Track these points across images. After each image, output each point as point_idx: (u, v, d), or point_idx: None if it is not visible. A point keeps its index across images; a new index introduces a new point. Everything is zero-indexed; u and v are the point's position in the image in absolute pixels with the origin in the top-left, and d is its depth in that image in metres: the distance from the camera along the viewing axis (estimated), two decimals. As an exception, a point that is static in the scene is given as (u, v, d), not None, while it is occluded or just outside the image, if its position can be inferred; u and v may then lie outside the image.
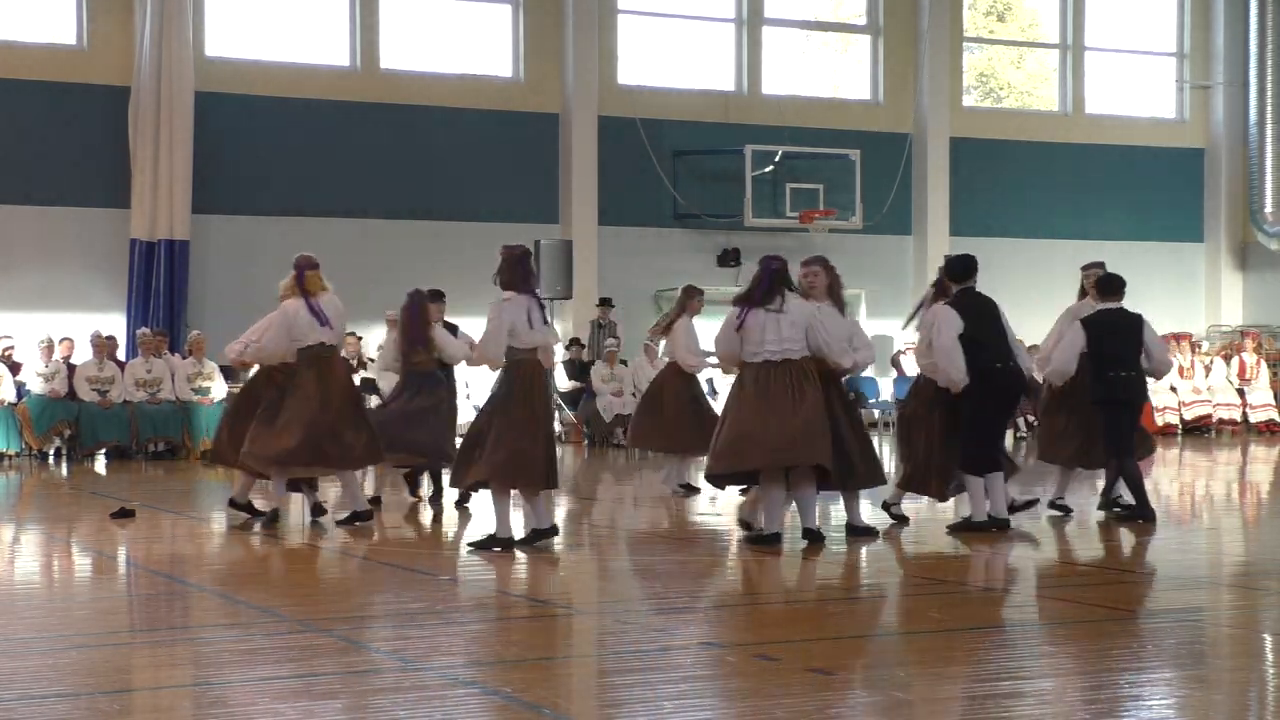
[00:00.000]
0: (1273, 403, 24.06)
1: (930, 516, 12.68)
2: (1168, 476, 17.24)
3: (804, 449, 9.95)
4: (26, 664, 6.66)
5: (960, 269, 11.23)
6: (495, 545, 10.07)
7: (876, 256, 24.90)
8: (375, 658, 6.80)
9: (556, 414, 21.53)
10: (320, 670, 6.55)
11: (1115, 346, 11.53)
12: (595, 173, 23.54)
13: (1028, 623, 7.92)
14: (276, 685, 6.30)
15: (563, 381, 21.90)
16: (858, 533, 10.66)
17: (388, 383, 14.91)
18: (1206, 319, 27.19)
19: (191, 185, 21.35)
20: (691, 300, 14.35)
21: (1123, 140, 26.92)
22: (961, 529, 10.96)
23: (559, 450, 18.50)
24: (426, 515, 12.74)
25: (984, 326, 10.97)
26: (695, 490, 14.00)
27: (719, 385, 22.32)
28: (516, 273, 10.12)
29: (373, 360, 18.33)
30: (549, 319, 10.74)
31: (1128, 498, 11.76)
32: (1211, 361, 24.11)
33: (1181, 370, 23.70)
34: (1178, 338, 24.35)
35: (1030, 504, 11.76)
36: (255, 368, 12.60)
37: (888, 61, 25.44)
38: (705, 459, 10.68)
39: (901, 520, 11.35)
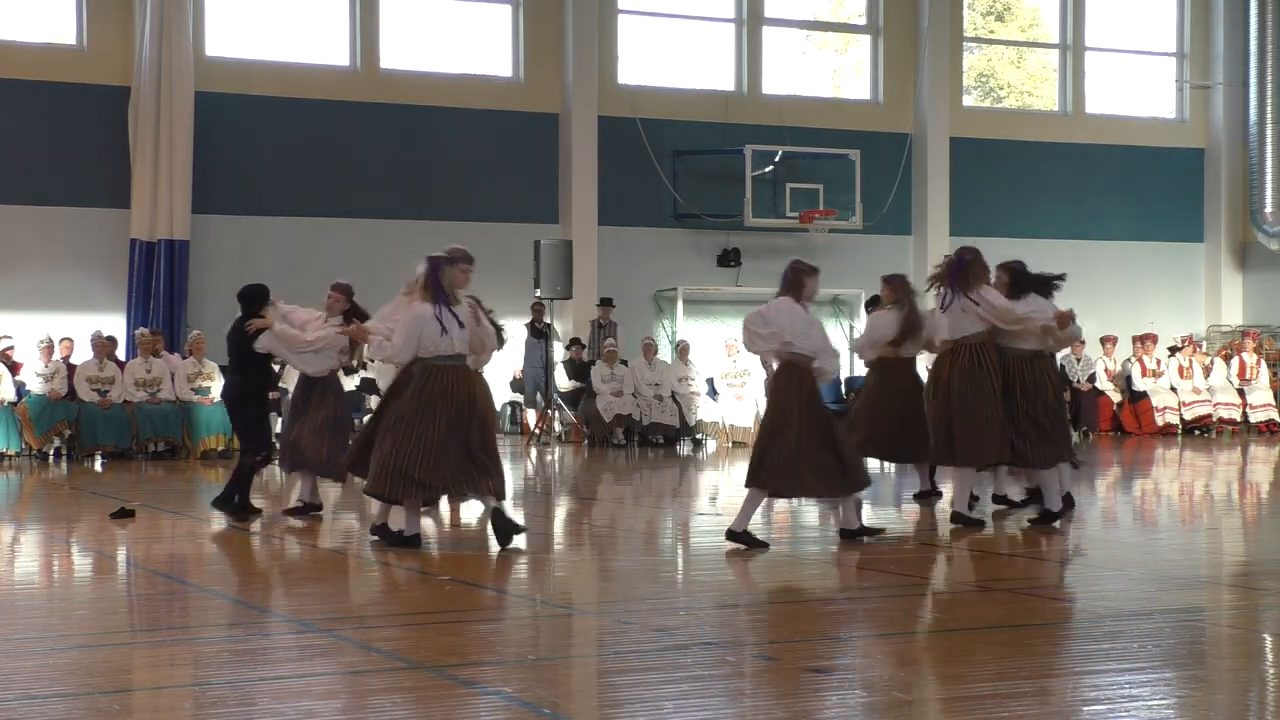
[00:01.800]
0: (1273, 403, 24.04)
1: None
2: (1168, 476, 17.24)
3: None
4: (26, 664, 6.66)
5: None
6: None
7: (876, 256, 24.86)
8: (375, 658, 6.80)
9: (557, 414, 21.56)
10: (320, 670, 6.55)
11: None
12: (595, 173, 23.53)
13: (1028, 623, 7.91)
14: (276, 685, 6.30)
15: (563, 381, 21.91)
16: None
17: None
18: (1206, 319, 27.18)
19: (191, 185, 21.35)
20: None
21: (1123, 140, 26.92)
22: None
23: (558, 450, 18.50)
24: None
25: None
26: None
27: (719, 385, 22.34)
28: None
29: (373, 361, 18.30)
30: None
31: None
32: (1212, 362, 24.10)
33: (1181, 370, 23.71)
34: (1184, 340, 24.37)
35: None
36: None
37: (888, 61, 25.44)
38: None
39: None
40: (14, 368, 19.28)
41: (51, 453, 18.76)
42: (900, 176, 25.18)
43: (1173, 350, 24.12)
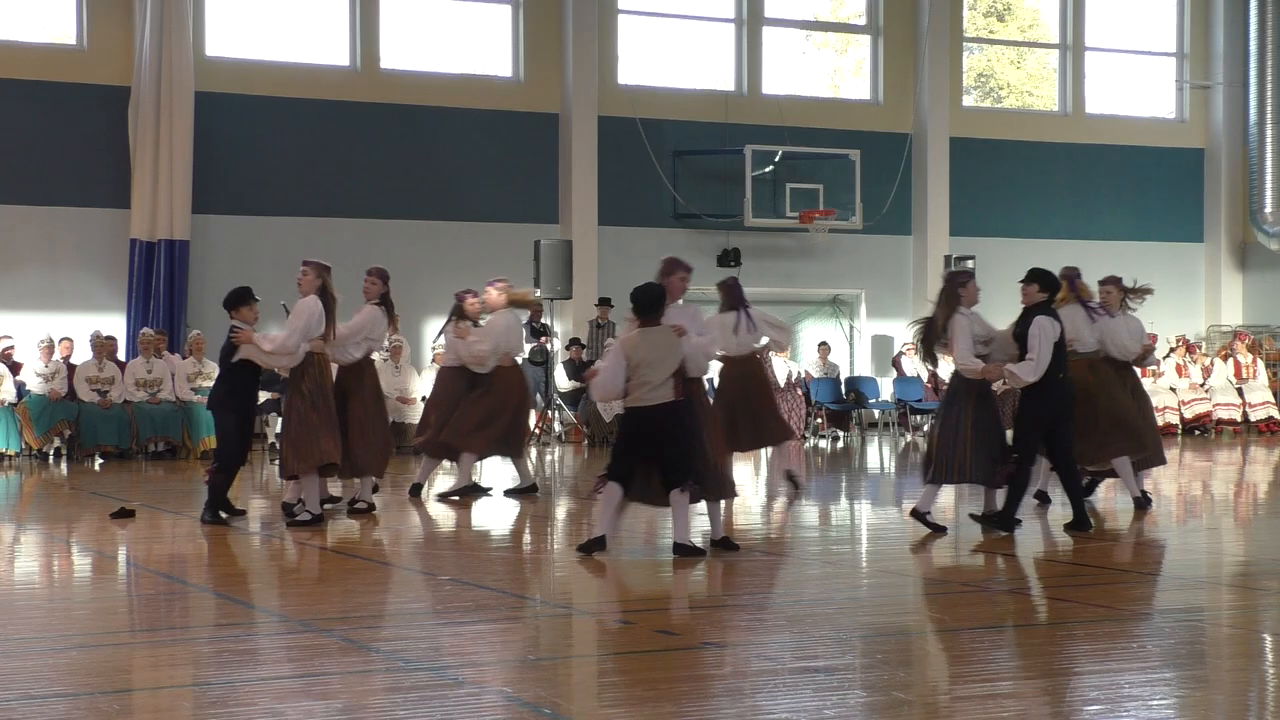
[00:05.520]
0: (1272, 400, 24.05)
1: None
2: (1168, 476, 17.24)
3: None
4: (26, 664, 6.66)
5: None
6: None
7: (876, 256, 24.90)
8: (375, 658, 6.80)
9: (557, 414, 21.55)
10: (320, 670, 6.55)
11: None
12: (595, 173, 23.52)
13: (1028, 623, 7.92)
14: (276, 685, 6.30)
15: (563, 381, 21.90)
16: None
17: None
18: (1206, 319, 27.18)
19: (191, 185, 21.33)
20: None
21: (1123, 140, 26.91)
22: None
23: (558, 450, 18.49)
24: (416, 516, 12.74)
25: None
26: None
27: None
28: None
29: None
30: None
31: None
32: (1211, 362, 24.10)
33: (1180, 369, 23.71)
34: (1179, 339, 24.35)
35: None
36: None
37: (888, 61, 25.43)
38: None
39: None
40: (14, 368, 19.28)
41: (51, 453, 18.77)
42: (900, 176, 25.17)
43: (1170, 351, 24.11)
